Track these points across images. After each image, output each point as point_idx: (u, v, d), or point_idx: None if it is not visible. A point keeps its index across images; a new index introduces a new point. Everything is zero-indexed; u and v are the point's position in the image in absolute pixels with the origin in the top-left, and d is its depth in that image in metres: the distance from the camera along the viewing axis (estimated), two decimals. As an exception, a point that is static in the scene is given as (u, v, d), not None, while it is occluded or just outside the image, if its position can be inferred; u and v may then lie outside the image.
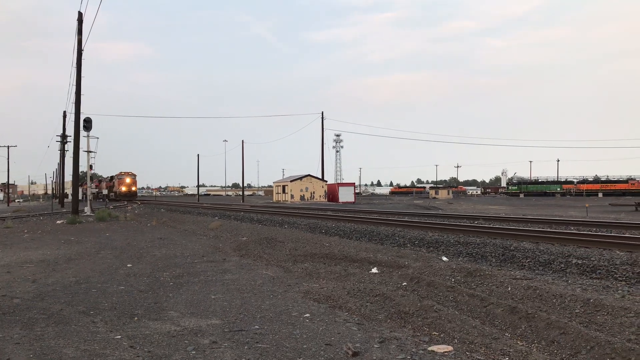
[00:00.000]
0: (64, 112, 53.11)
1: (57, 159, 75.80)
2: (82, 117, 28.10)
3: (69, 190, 75.87)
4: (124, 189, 71.85)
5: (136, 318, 5.83)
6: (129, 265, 9.93)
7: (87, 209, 31.90)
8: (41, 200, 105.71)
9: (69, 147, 51.20)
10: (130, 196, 71.54)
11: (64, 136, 54.51)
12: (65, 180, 68.51)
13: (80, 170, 29.73)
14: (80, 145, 28.00)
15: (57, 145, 59.67)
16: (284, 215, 24.97)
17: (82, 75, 27.17)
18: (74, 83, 27.30)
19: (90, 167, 33.81)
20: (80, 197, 32.51)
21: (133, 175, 74.72)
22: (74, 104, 27.36)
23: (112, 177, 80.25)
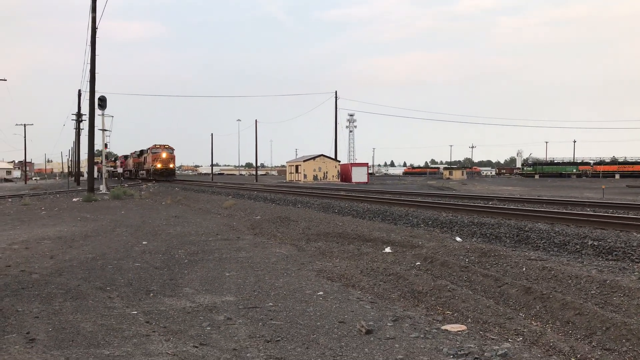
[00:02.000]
0: (79, 90, 53.51)
1: (73, 138, 73.85)
2: (96, 96, 28.23)
3: (84, 168, 65.23)
4: (159, 165, 56.85)
5: (152, 294, 5.91)
6: (144, 243, 10.04)
7: (102, 187, 32.25)
8: (57, 178, 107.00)
9: (84, 125, 51.52)
10: (167, 175, 57.17)
11: (79, 115, 54.94)
12: (81, 159, 68.41)
13: (95, 148, 29.98)
14: (95, 124, 28.20)
15: (73, 124, 59.74)
16: (297, 195, 25.02)
17: (96, 54, 27.23)
18: (89, 61, 27.38)
19: (106, 145, 34.06)
20: (95, 176, 32.87)
21: (170, 149, 59.44)
22: (89, 83, 27.48)
23: (142, 152, 65.82)
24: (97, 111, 29.06)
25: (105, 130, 32.17)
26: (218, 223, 13.62)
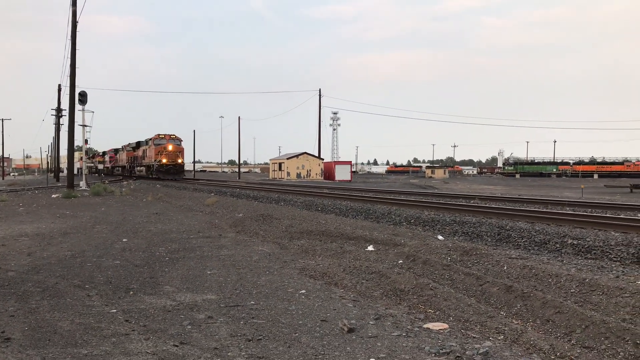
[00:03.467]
0: (59, 85, 52.51)
1: (52, 133, 72.13)
2: (77, 91, 27.81)
3: (64, 164, 58.02)
4: (164, 160, 45.11)
5: (132, 292, 5.82)
6: (124, 240, 9.91)
7: (82, 184, 31.80)
8: (36, 174, 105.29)
9: (64, 120, 50.59)
10: (175, 172, 45.73)
11: (59, 110, 53.94)
12: (61, 155, 67.10)
13: (75, 144, 29.56)
14: (76, 119, 27.78)
15: (52, 119, 58.72)
16: (281, 193, 24.95)
17: (77, 48, 26.81)
18: (69, 56, 26.96)
19: (86, 141, 33.58)
20: (75, 171, 32.36)
21: (178, 140, 47.82)
22: (69, 77, 27.04)
23: (139, 144, 53.96)
24: (78, 106, 28.65)
25: (86, 125, 31.71)
26: (200, 220, 13.51)
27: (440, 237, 9.79)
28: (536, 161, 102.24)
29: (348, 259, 7.56)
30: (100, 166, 67.99)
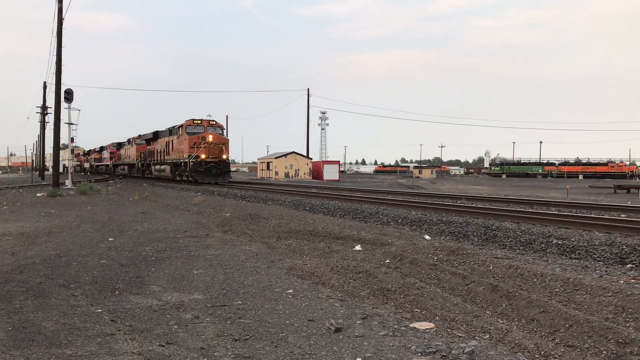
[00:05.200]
0: (44, 82, 51.95)
1: (37, 131, 69.96)
2: (63, 88, 27.52)
3: (49, 163, 51.54)
4: (203, 155, 32.59)
5: (117, 292, 5.79)
6: (110, 239, 9.83)
7: (68, 182, 31.48)
8: (21, 172, 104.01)
9: (50, 118, 49.93)
10: (219, 174, 33.34)
11: (44, 107, 53.36)
12: (46, 153, 65.97)
13: (61, 142, 29.26)
14: (61, 117, 27.49)
15: (37, 117, 57.75)
16: (268, 192, 24.90)
17: (62, 45, 26.51)
18: (55, 53, 26.66)
19: (72, 139, 33.25)
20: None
21: (220, 129, 35.34)
22: (55, 75, 26.76)
23: (156, 135, 40.80)
24: (63, 104, 28.34)
25: (72, 124, 31.40)
26: (187, 220, 13.45)
27: (427, 237, 9.84)
28: (522, 162, 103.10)
29: (336, 259, 7.57)
30: (100, 164, 59.42)
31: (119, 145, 57.63)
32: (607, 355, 3.91)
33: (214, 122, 35.17)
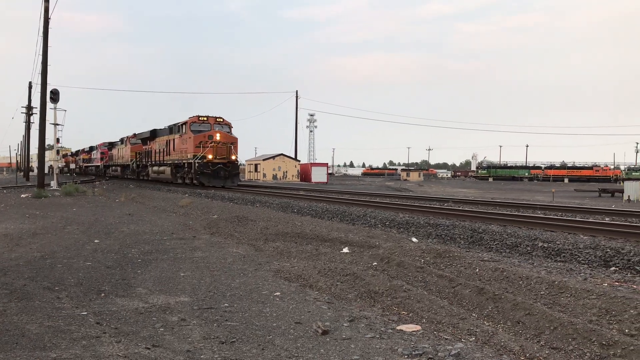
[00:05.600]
0: (30, 82, 51.44)
1: (23, 131, 68.49)
2: (49, 89, 27.26)
3: (35, 164, 50.36)
4: (210, 156, 29.35)
5: (103, 294, 5.74)
6: (96, 241, 9.74)
7: (53, 183, 31.16)
8: (5, 173, 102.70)
9: (35, 119, 49.37)
10: (228, 176, 29.99)
11: (29, 108, 52.74)
12: (31, 153, 64.90)
13: (47, 143, 28.95)
14: (47, 118, 27.22)
15: (22, 117, 57.00)
16: (256, 194, 24.84)
17: (49, 45, 26.28)
18: (41, 53, 26.41)
19: (58, 140, 32.93)
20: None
21: (228, 127, 31.49)
22: (40, 75, 26.49)
23: (155, 133, 37.49)
24: (49, 104, 28.06)
25: (58, 124, 31.11)
26: (173, 222, 13.37)
27: (414, 240, 9.88)
28: (509, 165, 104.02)
29: (323, 261, 7.57)
30: (89, 165, 55.94)
31: (111, 145, 54.13)
32: (591, 357, 3.95)
33: (221, 120, 31.52)
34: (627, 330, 4.36)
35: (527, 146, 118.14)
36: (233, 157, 30.22)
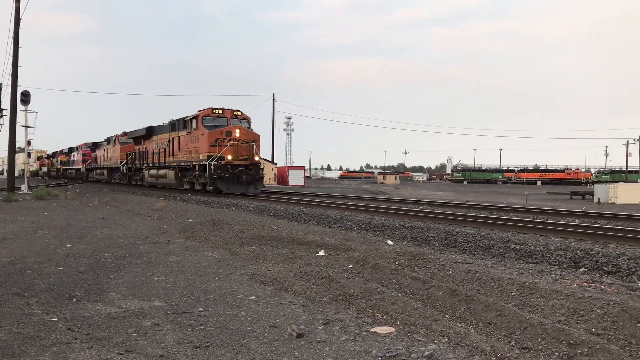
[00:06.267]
0: None
1: None
2: (19, 90, 26.71)
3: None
4: (229, 156, 24.52)
5: (75, 300, 5.65)
6: (68, 246, 9.58)
7: (24, 187, 30.50)
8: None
9: (5, 121, 48.32)
10: (250, 181, 25.08)
11: (-1, 109, 51.58)
12: (0, 156, 63.24)
13: (17, 146, 28.34)
14: (18, 120, 26.67)
15: (-8, 119, 55.68)
16: (232, 197, 24.69)
17: (19, 46, 25.75)
18: (11, 53, 25.87)
19: (29, 142, 32.26)
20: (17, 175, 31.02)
21: (247, 122, 27.06)
22: (10, 76, 25.94)
23: (151, 131, 33.26)
24: (20, 106, 27.51)
25: (29, 127, 30.49)
26: (148, 226, 13.22)
27: (389, 242, 9.96)
28: (483, 168, 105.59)
29: (299, 264, 7.58)
30: (66, 168, 51.44)
31: (95, 145, 48.76)
32: (559, 356, 4.04)
33: (239, 113, 26.76)
34: (593, 330, 4.47)
35: (501, 149, 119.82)
36: (256, 158, 25.75)
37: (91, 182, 47.19)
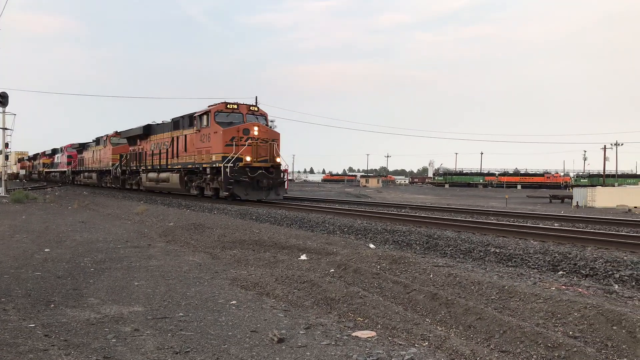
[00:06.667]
0: (-23, 85, 49.26)
1: None
2: (-3, 92, 26.23)
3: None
4: (248, 157, 21.36)
5: (52, 305, 5.56)
6: (46, 250, 9.43)
7: (1, 190, 29.96)
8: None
9: (-18, 122, 47.42)
10: (271, 185, 22.26)
11: (-24, 111, 50.62)
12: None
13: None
14: (-5, 122, 26.19)
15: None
16: (213, 201, 24.56)
17: (-3, 46, 25.31)
18: (-12, 54, 25.42)
19: (7, 144, 31.71)
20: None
21: (264, 118, 23.94)
22: (-13, 77, 25.49)
23: (150, 128, 30.41)
24: (-3, 108, 27.03)
25: (7, 129, 29.98)
26: (128, 229, 13.08)
27: (371, 246, 9.99)
28: (464, 172, 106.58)
29: (281, 269, 7.56)
30: (49, 171, 48.85)
31: (82, 146, 45.08)
32: (537, 359, 4.10)
33: (256, 109, 23.89)
34: (571, 333, 4.55)
35: (482, 153, 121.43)
36: (277, 160, 22.86)
37: (72, 186, 44.88)
